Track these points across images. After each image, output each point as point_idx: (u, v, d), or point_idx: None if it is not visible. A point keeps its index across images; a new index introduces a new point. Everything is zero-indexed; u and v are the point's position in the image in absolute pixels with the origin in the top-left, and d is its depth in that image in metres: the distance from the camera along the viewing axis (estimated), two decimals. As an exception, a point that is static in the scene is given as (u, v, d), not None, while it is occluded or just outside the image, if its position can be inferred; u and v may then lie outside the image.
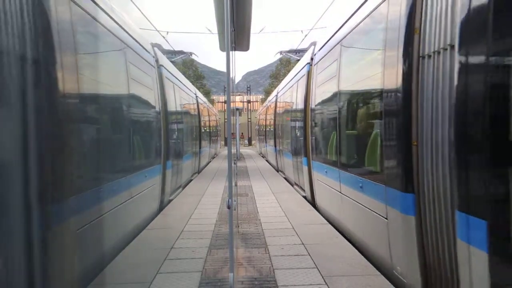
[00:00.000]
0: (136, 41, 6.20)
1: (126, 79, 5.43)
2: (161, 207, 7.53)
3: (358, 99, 5.20)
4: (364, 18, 4.68)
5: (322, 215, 7.00)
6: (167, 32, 16.78)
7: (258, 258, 4.69)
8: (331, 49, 6.28)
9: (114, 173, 4.89)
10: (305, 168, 8.46)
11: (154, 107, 7.15)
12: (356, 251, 4.88)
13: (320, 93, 7.19)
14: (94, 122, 4.26)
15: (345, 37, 5.51)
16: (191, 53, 18.15)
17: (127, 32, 5.58)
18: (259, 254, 4.86)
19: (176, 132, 9.37)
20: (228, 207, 3.06)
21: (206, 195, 9.48)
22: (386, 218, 3.92)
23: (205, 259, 4.69)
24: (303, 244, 5.24)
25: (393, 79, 3.67)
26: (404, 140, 3.51)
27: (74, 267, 3.20)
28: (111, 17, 4.80)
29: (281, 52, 16.93)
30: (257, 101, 60.47)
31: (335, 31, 6.14)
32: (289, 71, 16.38)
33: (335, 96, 5.98)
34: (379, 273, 4.11)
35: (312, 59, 8.06)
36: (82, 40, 3.76)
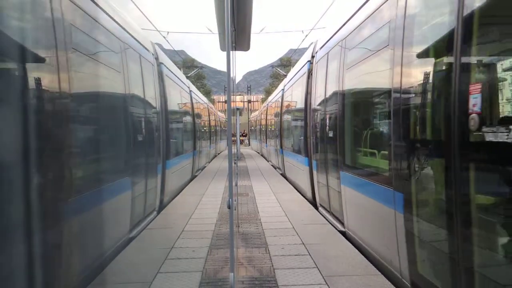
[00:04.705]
0: (186, 85, 12.37)
1: (182, 104, 11.19)
2: (192, 176, 12.58)
3: (293, 118, 11.15)
4: (297, 80, 10.07)
5: (288, 181, 11.74)
6: (168, 32, 16.81)
7: (259, 258, 4.70)
8: (288, 88, 12.03)
9: (184, 150, 10.89)
10: (281, 156, 13.60)
11: (192, 118, 12.89)
12: (357, 250, 4.90)
13: (285, 110, 12.93)
14: (181, 127, 10.79)
15: (291, 86, 11.22)
16: (202, 67, 22.80)
17: (183, 83, 11.83)
18: (259, 254, 4.87)
19: (199, 133, 14.77)
20: (229, 207, 3.05)
21: (206, 195, 9.49)
22: (303, 170, 8.83)
23: (205, 259, 4.70)
24: (303, 243, 5.25)
25: (302, 114, 8.79)
26: (305, 136, 8.57)
27: (168, 186, 8.01)
28: (180, 79, 10.96)
29: (272, 66, 22.05)
30: (257, 101, 60.47)
31: (290, 79, 11.97)
32: (289, 71, 17.32)
33: (289, 113, 11.94)
34: (379, 273, 4.12)
35: (284, 86, 13.40)
36: (173, 94, 9.21)
